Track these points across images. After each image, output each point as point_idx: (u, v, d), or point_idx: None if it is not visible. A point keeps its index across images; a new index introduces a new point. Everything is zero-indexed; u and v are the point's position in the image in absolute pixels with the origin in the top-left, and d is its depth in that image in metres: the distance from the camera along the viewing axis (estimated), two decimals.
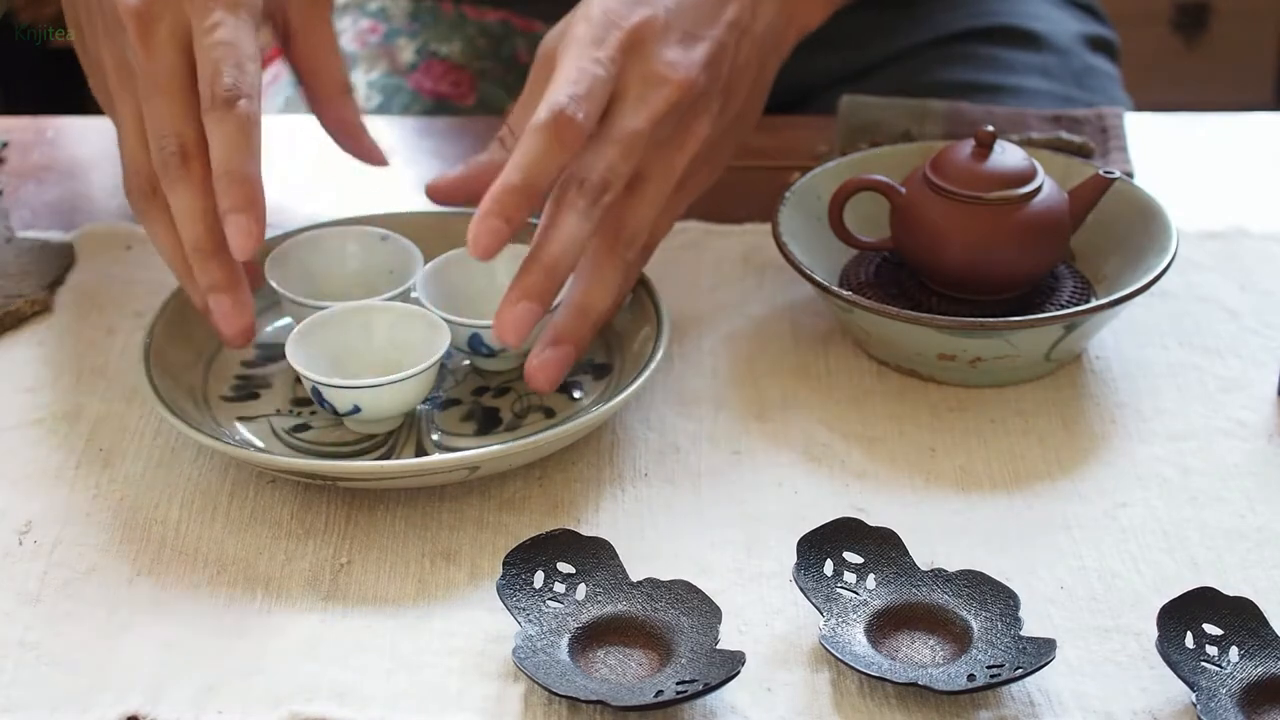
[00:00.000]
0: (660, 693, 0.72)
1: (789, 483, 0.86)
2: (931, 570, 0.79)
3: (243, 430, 0.87)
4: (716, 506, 0.84)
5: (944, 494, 0.85)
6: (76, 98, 2.23)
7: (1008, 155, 0.91)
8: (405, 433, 0.87)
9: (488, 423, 0.88)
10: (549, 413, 0.88)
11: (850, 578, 0.78)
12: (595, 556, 0.79)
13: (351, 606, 0.79)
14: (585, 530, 0.81)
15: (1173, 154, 1.11)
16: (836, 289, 0.90)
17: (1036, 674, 0.73)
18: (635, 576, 0.78)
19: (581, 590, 0.78)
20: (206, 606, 0.79)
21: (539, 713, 0.74)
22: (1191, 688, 0.72)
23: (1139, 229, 0.94)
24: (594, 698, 0.72)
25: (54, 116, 1.16)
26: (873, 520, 0.81)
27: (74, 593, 0.80)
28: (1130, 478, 0.86)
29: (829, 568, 0.78)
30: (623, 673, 0.75)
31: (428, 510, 0.84)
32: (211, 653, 0.77)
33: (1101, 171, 0.92)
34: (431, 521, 0.83)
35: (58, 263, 1.00)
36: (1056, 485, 0.86)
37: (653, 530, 0.83)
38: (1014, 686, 0.74)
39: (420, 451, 0.86)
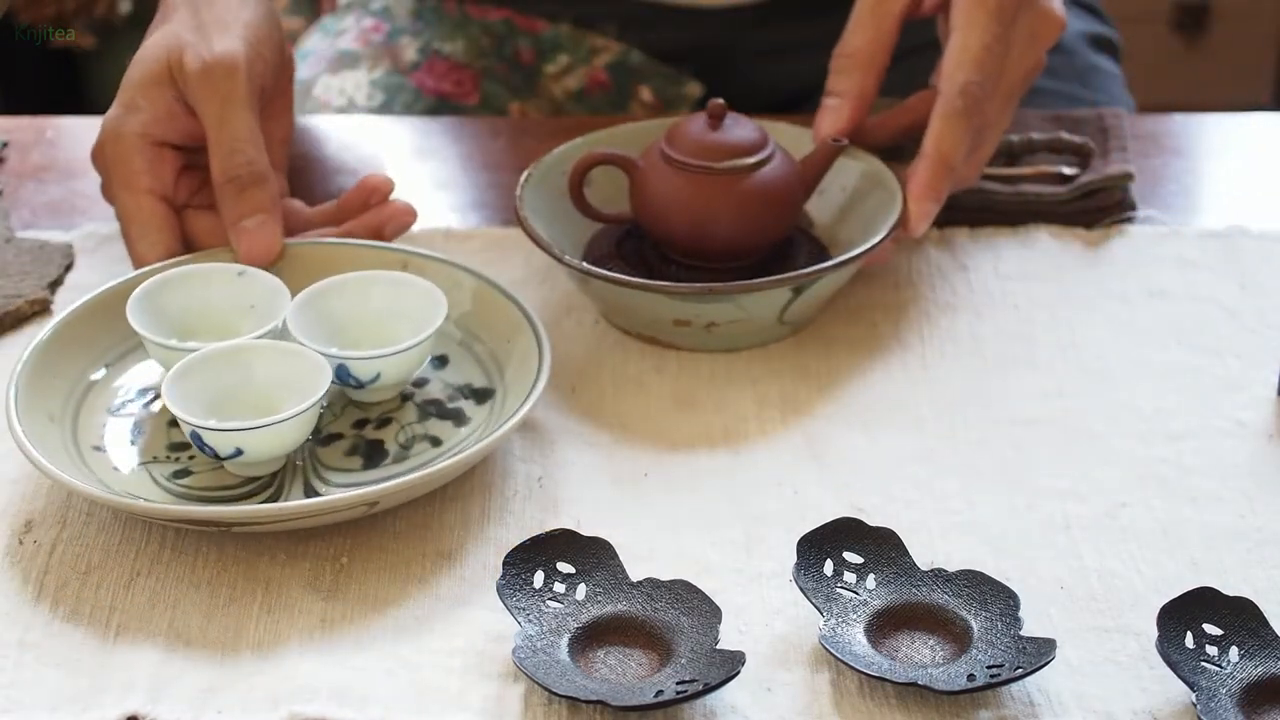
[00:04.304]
0: (660, 693, 0.72)
1: (789, 483, 0.86)
2: (931, 570, 0.79)
3: (123, 477, 0.84)
4: (716, 506, 0.84)
5: (944, 494, 0.85)
6: (76, 98, 2.23)
7: (739, 127, 0.94)
8: (289, 472, 0.84)
9: (374, 456, 0.85)
10: (435, 441, 0.86)
11: (850, 578, 0.78)
12: (595, 556, 0.79)
13: (351, 606, 0.79)
14: (585, 530, 0.81)
15: (1173, 154, 1.11)
16: (569, 259, 0.91)
17: (1036, 674, 0.73)
18: (635, 576, 0.78)
19: (581, 590, 0.78)
20: (206, 606, 0.79)
21: (539, 713, 0.74)
22: (1191, 688, 0.72)
23: (871, 196, 0.96)
24: (594, 698, 0.72)
25: (54, 116, 1.16)
26: (873, 520, 0.81)
27: (74, 593, 0.80)
28: (1130, 478, 0.86)
29: (829, 568, 0.78)
30: (623, 673, 0.75)
31: (428, 510, 0.84)
32: (211, 653, 0.77)
33: (830, 140, 0.95)
34: (432, 521, 0.83)
35: (58, 263, 1.00)
36: (1056, 485, 0.86)
37: (653, 530, 0.83)
38: (1014, 686, 0.74)
39: (310, 490, 0.83)
